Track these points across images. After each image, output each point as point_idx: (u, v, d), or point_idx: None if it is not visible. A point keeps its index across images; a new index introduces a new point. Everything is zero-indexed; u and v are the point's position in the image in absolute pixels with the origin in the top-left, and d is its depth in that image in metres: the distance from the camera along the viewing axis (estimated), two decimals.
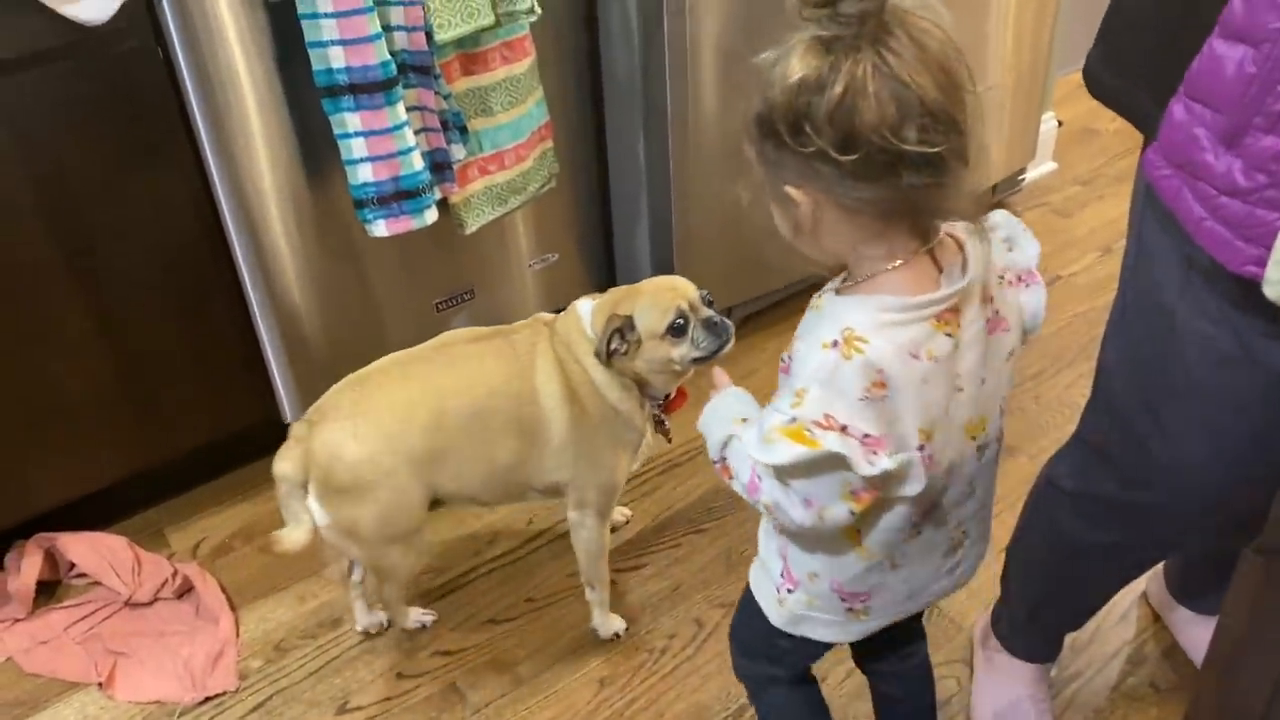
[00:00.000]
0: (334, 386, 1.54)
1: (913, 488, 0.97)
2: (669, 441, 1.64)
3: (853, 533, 1.06)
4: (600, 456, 1.58)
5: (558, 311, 1.63)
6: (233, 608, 1.80)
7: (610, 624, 1.74)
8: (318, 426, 1.47)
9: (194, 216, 1.76)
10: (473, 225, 1.95)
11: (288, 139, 1.75)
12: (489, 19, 1.73)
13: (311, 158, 1.79)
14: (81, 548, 1.84)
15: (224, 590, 1.82)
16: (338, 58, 1.61)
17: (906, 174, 0.85)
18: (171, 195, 1.72)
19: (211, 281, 1.83)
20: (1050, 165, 2.96)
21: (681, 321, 1.47)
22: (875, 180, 0.86)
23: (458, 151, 1.82)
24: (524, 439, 1.54)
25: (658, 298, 1.50)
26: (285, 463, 1.48)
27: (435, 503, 1.58)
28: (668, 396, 1.57)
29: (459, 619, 1.77)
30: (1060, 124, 2.95)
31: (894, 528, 1.05)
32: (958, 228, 0.97)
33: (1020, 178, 2.82)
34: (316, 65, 1.62)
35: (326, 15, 1.58)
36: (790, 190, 0.90)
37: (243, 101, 1.68)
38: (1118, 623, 1.70)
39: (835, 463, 0.91)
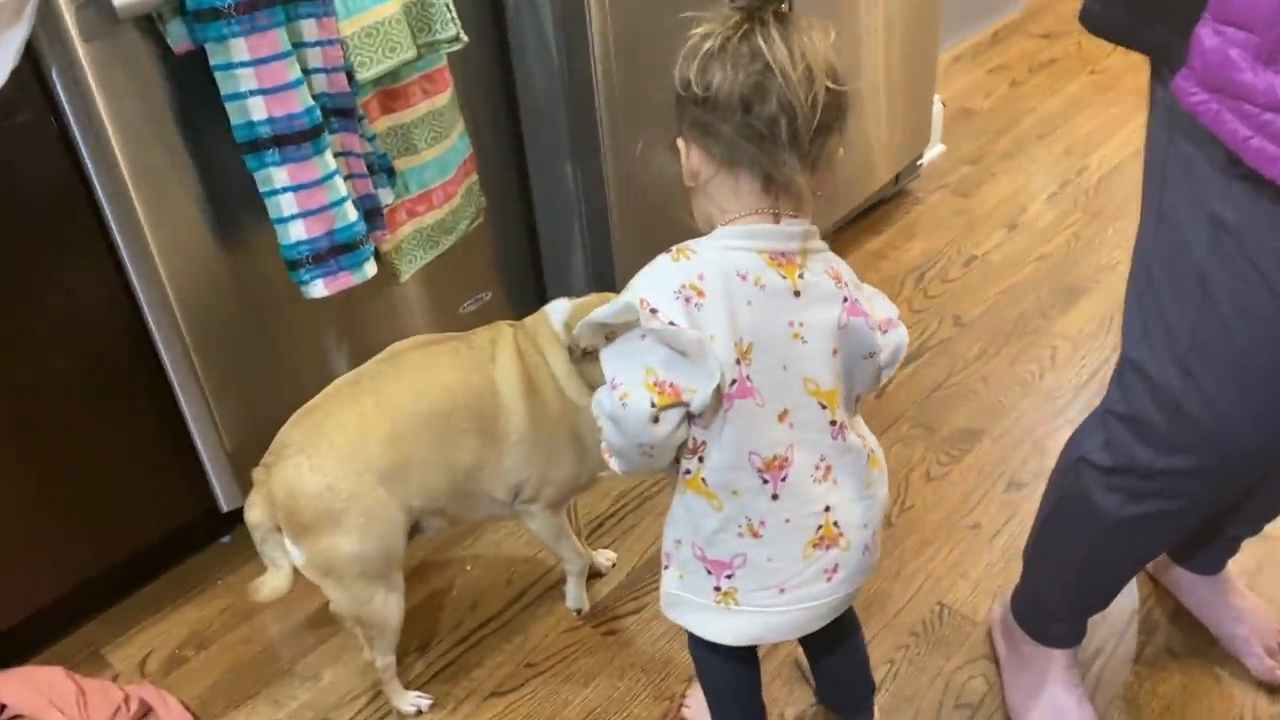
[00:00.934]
0: (286, 423, 1.46)
1: (704, 385, 1.02)
2: None
3: (698, 480, 1.11)
4: (559, 453, 1.53)
5: None
6: None
7: (580, 597, 1.75)
8: (273, 468, 1.42)
9: (108, 302, 1.57)
10: (406, 272, 1.82)
11: (202, 204, 1.59)
12: (410, 52, 1.61)
13: (228, 221, 1.63)
14: (12, 686, 1.61)
15: (187, 709, 1.63)
16: (258, 109, 1.46)
17: (743, 114, 1.01)
18: (81, 282, 1.54)
19: (132, 371, 1.64)
20: (940, 148, 3.01)
21: None
22: (721, 119, 1.02)
23: (386, 196, 1.70)
24: (483, 436, 1.48)
25: None
26: (253, 510, 1.44)
27: (413, 530, 1.51)
28: None
29: (459, 697, 1.64)
30: (944, 105, 3.00)
31: (729, 466, 1.08)
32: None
33: (918, 163, 2.85)
34: (235, 119, 1.47)
35: (243, 64, 1.43)
36: (679, 140, 1.09)
37: (151, 169, 1.51)
38: (1123, 593, 1.71)
39: (631, 313, 1.02)
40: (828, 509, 1.13)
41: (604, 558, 1.83)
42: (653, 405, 1.01)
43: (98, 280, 1.56)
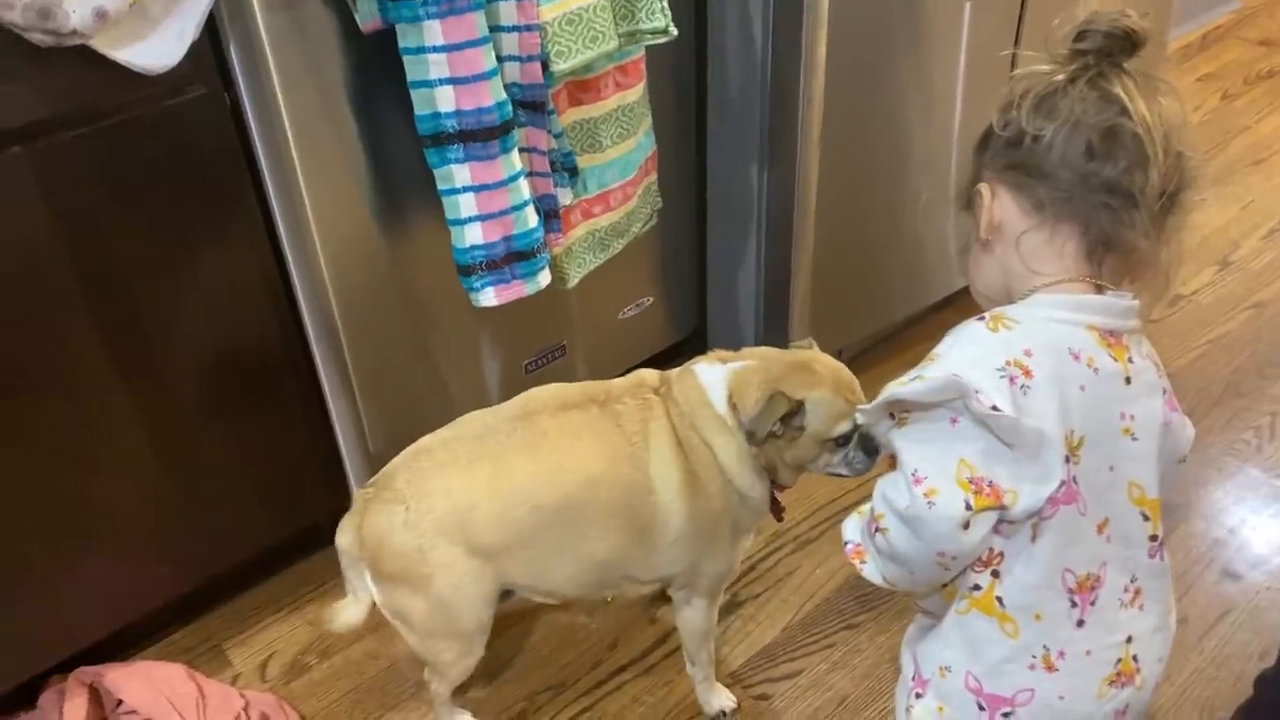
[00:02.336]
0: (403, 451, 1.32)
1: (1033, 488, 0.87)
2: (780, 520, 1.40)
3: (989, 600, 0.93)
4: (720, 547, 1.36)
5: (645, 365, 1.42)
6: None
7: (716, 699, 1.53)
8: (371, 503, 1.30)
9: (262, 287, 1.46)
10: (575, 277, 1.67)
11: (369, 193, 1.46)
12: (612, 43, 1.44)
13: (395, 213, 1.50)
14: (133, 683, 1.53)
15: None
16: (447, 100, 1.31)
17: (1087, 161, 0.89)
18: (236, 264, 1.42)
19: (279, 359, 1.53)
20: None
21: (851, 432, 1.25)
22: (1058, 164, 0.90)
23: (564, 196, 1.54)
24: (633, 534, 1.31)
25: (836, 396, 1.24)
26: (343, 535, 1.34)
27: (505, 593, 1.37)
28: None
29: None
30: None
31: (1037, 584, 0.92)
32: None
33: None
34: (420, 109, 1.32)
35: (435, 49, 1.28)
36: (980, 186, 0.97)
37: (320, 152, 1.39)
38: None
39: (953, 391, 0.86)
40: (1129, 640, 0.97)
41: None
42: (968, 507, 0.85)
43: (254, 263, 1.45)
